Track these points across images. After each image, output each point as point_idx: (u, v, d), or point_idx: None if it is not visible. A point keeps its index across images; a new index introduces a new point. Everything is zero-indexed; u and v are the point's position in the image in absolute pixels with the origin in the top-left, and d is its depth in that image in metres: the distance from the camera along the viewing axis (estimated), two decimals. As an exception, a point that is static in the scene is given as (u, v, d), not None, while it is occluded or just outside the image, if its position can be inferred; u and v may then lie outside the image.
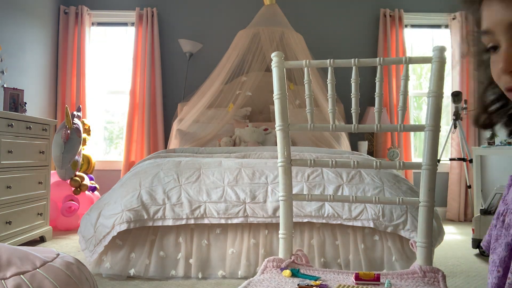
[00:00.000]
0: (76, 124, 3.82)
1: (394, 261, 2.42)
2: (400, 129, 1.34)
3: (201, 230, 2.50)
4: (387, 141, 4.79)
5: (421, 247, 1.31)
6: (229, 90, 4.34)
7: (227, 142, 3.93)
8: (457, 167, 4.71)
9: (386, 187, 2.53)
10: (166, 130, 4.78)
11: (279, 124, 1.40)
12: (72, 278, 1.10)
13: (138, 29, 4.81)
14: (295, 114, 4.08)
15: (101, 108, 5.04)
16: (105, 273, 2.40)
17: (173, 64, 4.90)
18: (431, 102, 1.30)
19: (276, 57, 1.41)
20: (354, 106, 1.38)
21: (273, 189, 2.50)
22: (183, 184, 2.53)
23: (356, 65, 1.35)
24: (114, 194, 2.57)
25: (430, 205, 1.31)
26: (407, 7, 4.89)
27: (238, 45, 4.31)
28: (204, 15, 4.91)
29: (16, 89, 3.52)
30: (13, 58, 3.90)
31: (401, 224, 2.38)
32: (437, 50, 1.30)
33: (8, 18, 3.86)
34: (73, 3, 4.80)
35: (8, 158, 2.87)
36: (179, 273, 2.40)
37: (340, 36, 4.92)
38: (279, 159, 1.41)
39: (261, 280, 1.21)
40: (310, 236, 2.49)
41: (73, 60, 4.75)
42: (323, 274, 1.29)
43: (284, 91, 1.41)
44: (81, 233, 2.51)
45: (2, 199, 2.82)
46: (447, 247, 3.19)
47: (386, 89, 4.85)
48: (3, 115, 2.84)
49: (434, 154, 1.32)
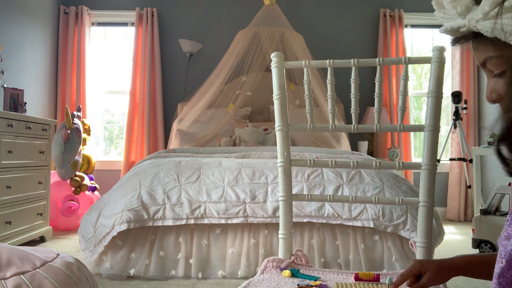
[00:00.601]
0: (76, 124, 3.82)
1: (394, 261, 2.42)
2: (399, 129, 1.34)
3: (201, 230, 2.50)
4: (387, 141, 4.79)
5: (421, 247, 1.31)
6: (229, 90, 4.34)
7: (227, 142, 3.93)
8: (457, 167, 4.70)
9: (386, 187, 2.53)
10: (166, 130, 4.78)
11: (278, 124, 1.40)
12: (72, 278, 1.10)
13: (138, 29, 4.81)
14: (295, 114, 4.08)
15: (101, 108, 5.05)
16: (105, 273, 2.40)
17: (173, 64, 4.90)
18: (431, 102, 1.30)
19: (276, 57, 1.41)
20: (354, 106, 1.38)
21: (273, 189, 2.50)
22: (183, 184, 2.53)
23: (355, 66, 1.35)
24: (114, 194, 2.57)
25: (429, 205, 1.32)
26: (407, 7, 4.89)
27: (238, 45, 4.31)
28: (204, 15, 4.91)
29: (16, 89, 3.52)
30: (13, 58, 3.90)
31: (401, 224, 2.38)
32: (437, 50, 1.30)
33: (8, 18, 3.86)
34: (73, 3, 4.80)
35: (8, 158, 2.87)
36: (179, 273, 2.40)
37: (340, 36, 4.92)
38: (278, 159, 1.41)
39: (261, 280, 1.21)
40: (310, 236, 2.49)
41: (73, 60, 4.75)
42: (323, 274, 1.29)
43: (283, 92, 1.41)
44: (81, 233, 2.51)
45: (2, 199, 2.82)
46: (447, 247, 3.19)
47: (386, 89, 4.85)
48: (3, 115, 2.84)
49: (433, 154, 1.32)
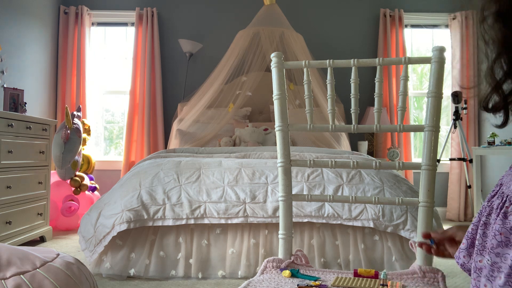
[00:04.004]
0: (76, 124, 3.82)
1: (394, 261, 2.42)
2: (399, 130, 1.34)
3: (201, 230, 2.50)
4: (387, 141, 4.79)
5: (421, 247, 1.31)
6: (229, 90, 4.34)
7: (227, 142, 3.93)
8: (457, 167, 4.70)
9: (386, 187, 2.53)
10: (166, 130, 4.78)
11: (278, 124, 1.40)
12: (72, 278, 1.10)
13: (138, 29, 4.81)
14: (295, 114, 4.08)
15: (101, 108, 5.05)
16: (105, 273, 2.40)
17: (173, 64, 4.90)
18: (431, 102, 1.30)
19: (276, 57, 1.41)
20: (354, 107, 1.38)
21: (273, 189, 2.50)
22: (183, 184, 2.53)
23: (355, 66, 1.35)
24: (114, 194, 2.57)
25: (429, 205, 1.32)
26: (407, 7, 4.89)
27: (238, 45, 4.31)
28: (204, 15, 4.91)
29: (16, 89, 3.51)
30: (13, 58, 3.90)
31: (401, 224, 2.38)
32: (437, 50, 1.30)
33: (8, 18, 3.86)
34: (73, 3, 4.80)
35: (8, 158, 2.87)
36: (179, 273, 2.41)
37: (340, 36, 4.92)
38: (278, 160, 1.41)
39: (260, 280, 1.21)
40: (310, 236, 2.49)
41: (73, 60, 4.75)
42: (322, 274, 1.29)
43: (283, 92, 1.41)
44: (81, 233, 2.51)
45: (2, 199, 2.82)
46: (447, 247, 3.19)
47: (386, 89, 4.85)
48: (3, 115, 2.84)
49: (433, 154, 1.32)
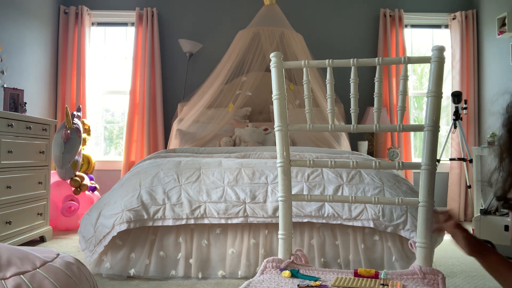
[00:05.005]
0: (76, 124, 3.82)
1: (394, 261, 2.42)
2: (399, 129, 1.34)
3: (201, 230, 2.50)
4: (387, 141, 4.79)
5: (420, 248, 1.31)
6: (229, 90, 4.33)
7: (227, 142, 3.93)
8: (457, 167, 4.70)
9: (386, 187, 2.53)
10: (166, 130, 4.78)
11: (278, 124, 1.40)
12: (72, 278, 1.10)
13: (138, 29, 4.81)
14: (295, 114, 4.07)
15: (101, 108, 5.05)
16: (105, 273, 2.40)
17: (173, 64, 4.90)
18: (430, 102, 1.30)
19: (275, 57, 1.41)
20: (353, 106, 1.38)
21: (273, 189, 2.50)
22: (183, 184, 2.53)
23: (355, 65, 1.35)
24: (114, 194, 2.57)
25: (429, 205, 1.31)
26: (407, 7, 4.89)
27: (238, 45, 4.31)
28: (204, 15, 4.91)
29: (16, 89, 3.51)
30: (13, 58, 3.90)
31: (401, 224, 2.38)
32: (436, 50, 1.30)
33: (8, 18, 3.86)
34: (73, 3, 4.80)
35: (8, 158, 2.87)
36: (179, 273, 2.40)
37: (340, 36, 4.92)
38: (278, 160, 1.41)
39: (260, 280, 1.21)
40: (310, 236, 2.49)
41: (73, 60, 4.75)
42: (322, 274, 1.29)
43: (283, 92, 1.40)
44: (81, 233, 2.51)
45: (2, 199, 2.82)
46: (447, 247, 3.19)
47: (386, 89, 4.85)
48: (3, 115, 2.84)
49: (433, 154, 1.32)
